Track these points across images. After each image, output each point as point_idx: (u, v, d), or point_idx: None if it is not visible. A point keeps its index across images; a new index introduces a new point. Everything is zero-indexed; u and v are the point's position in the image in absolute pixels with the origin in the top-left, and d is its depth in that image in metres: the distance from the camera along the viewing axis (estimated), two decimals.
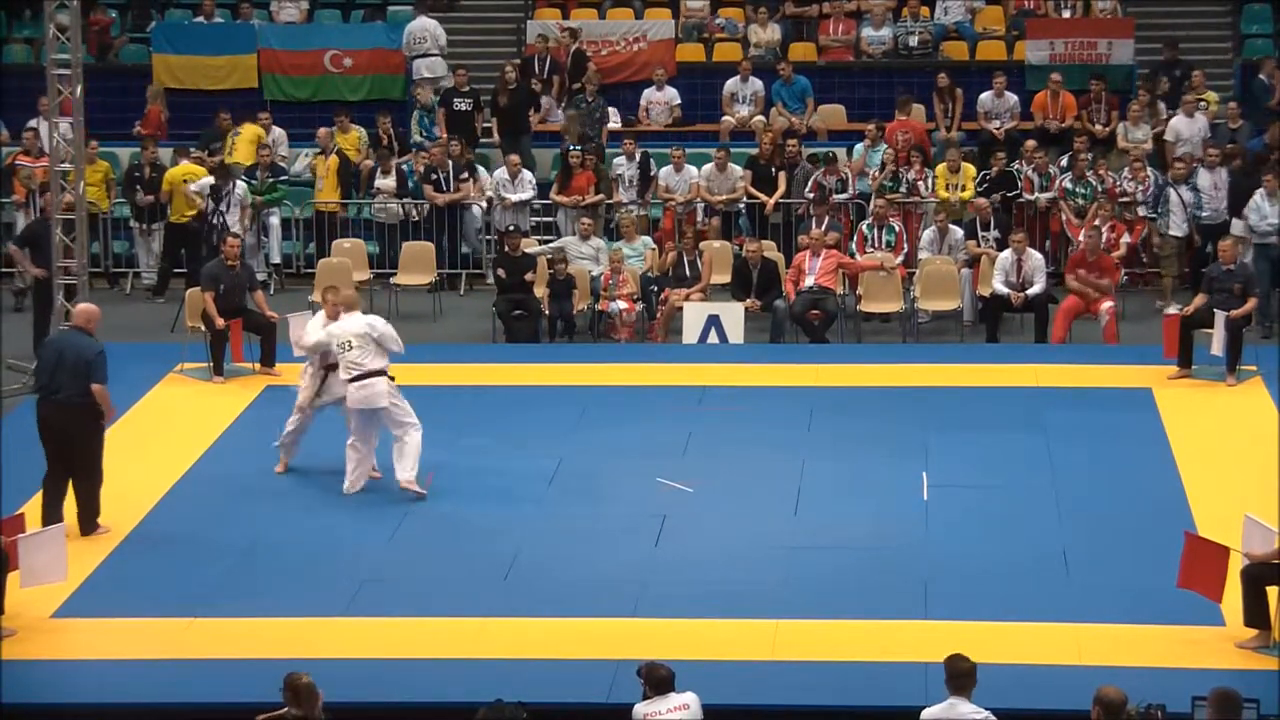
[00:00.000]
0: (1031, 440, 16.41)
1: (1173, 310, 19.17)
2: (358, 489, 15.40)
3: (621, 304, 20.41)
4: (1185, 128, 22.95)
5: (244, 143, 23.53)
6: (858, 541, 14.28)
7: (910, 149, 22.59)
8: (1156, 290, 21.70)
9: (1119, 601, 13.01)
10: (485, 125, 24.25)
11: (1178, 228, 21.12)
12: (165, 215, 22.51)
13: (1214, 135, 23.08)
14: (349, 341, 15.35)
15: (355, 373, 15.30)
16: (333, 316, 15.66)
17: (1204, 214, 21.20)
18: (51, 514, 14.34)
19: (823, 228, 20.89)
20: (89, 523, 14.60)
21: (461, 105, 24.03)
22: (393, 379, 15.44)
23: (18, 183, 22.57)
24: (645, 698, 10.82)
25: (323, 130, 23.54)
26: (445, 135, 23.57)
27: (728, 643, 12.54)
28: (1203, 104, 23.27)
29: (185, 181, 22.17)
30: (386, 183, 23.10)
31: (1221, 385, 17.78)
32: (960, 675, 10.55)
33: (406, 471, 15.26)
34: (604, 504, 15.29)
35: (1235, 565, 12.42)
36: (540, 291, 20.52)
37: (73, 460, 14.54)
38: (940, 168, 22.39)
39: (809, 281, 20.19)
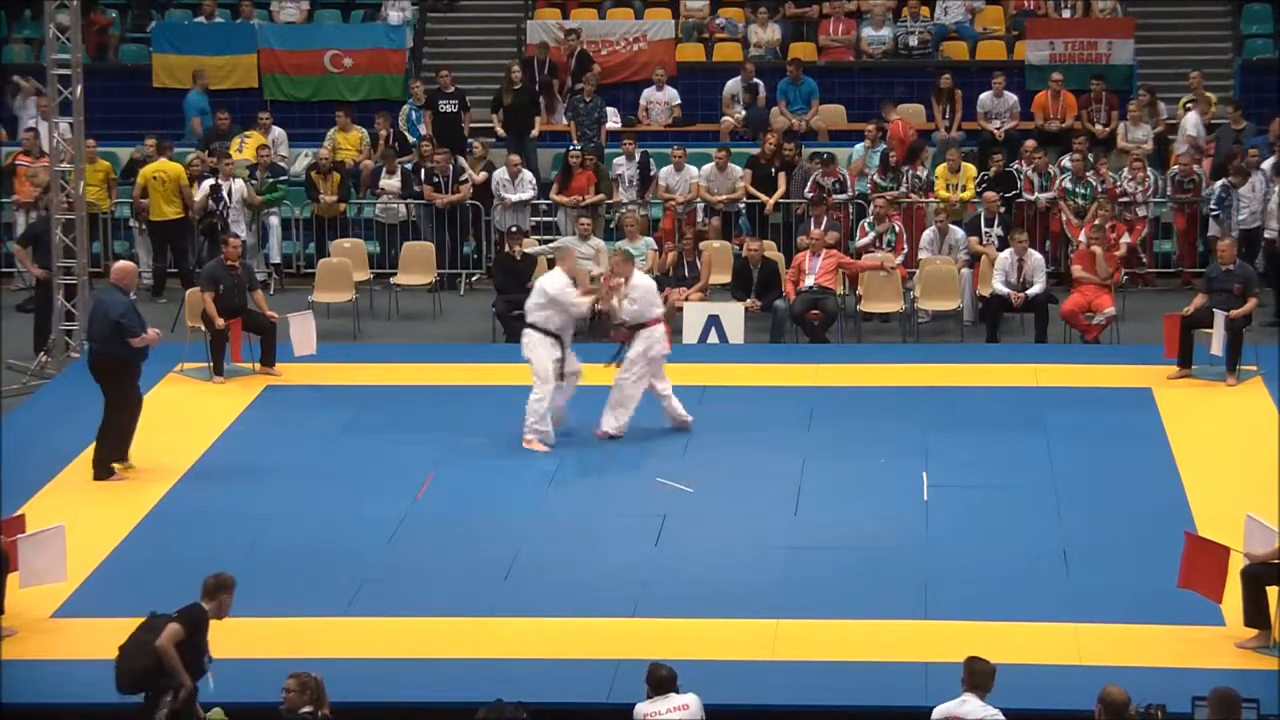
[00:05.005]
0: (1031, 440, 16.41)
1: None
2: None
3: None
4: (1191, 124, 23.01)
5: (250, 147, 23.53)
6: (858, 541, 14.28)
7: (909, 147, 22.68)
8: (1157, 290, 21.78)
9: (1119, 601, 13.00)
10: (474, 126, 24.25)
11: (1237, 228, 21.18)
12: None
13: (1216, 136, 23.11)
14: None
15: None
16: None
17: (1241, 217, 21.28)
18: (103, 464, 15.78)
19: (822, 228, 20.90)
20: (119, 455, 15.74)
21: (447, 107, 24.02)
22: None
23: (24, 183, 22.50)
24: (648, 697, 10.84)
25: (324, 151, 23.42)
26: (431, 137, 23.52)
27: (728, 643, 12.54)
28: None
29: (159, 178, 22.09)
30: (391, 183, 23.10)
31: (1221, 385, 17.77)
32: (975, 675, 10.59)
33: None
34: (604, 504, 15.29)
35: (1235, 565, 12.43)
36: None
37: (105, 405, 15.62)
38: (940, 168, 22.40)
39: (809, 281, 20.20)
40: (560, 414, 16.62)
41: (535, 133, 24.15)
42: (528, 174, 22.87)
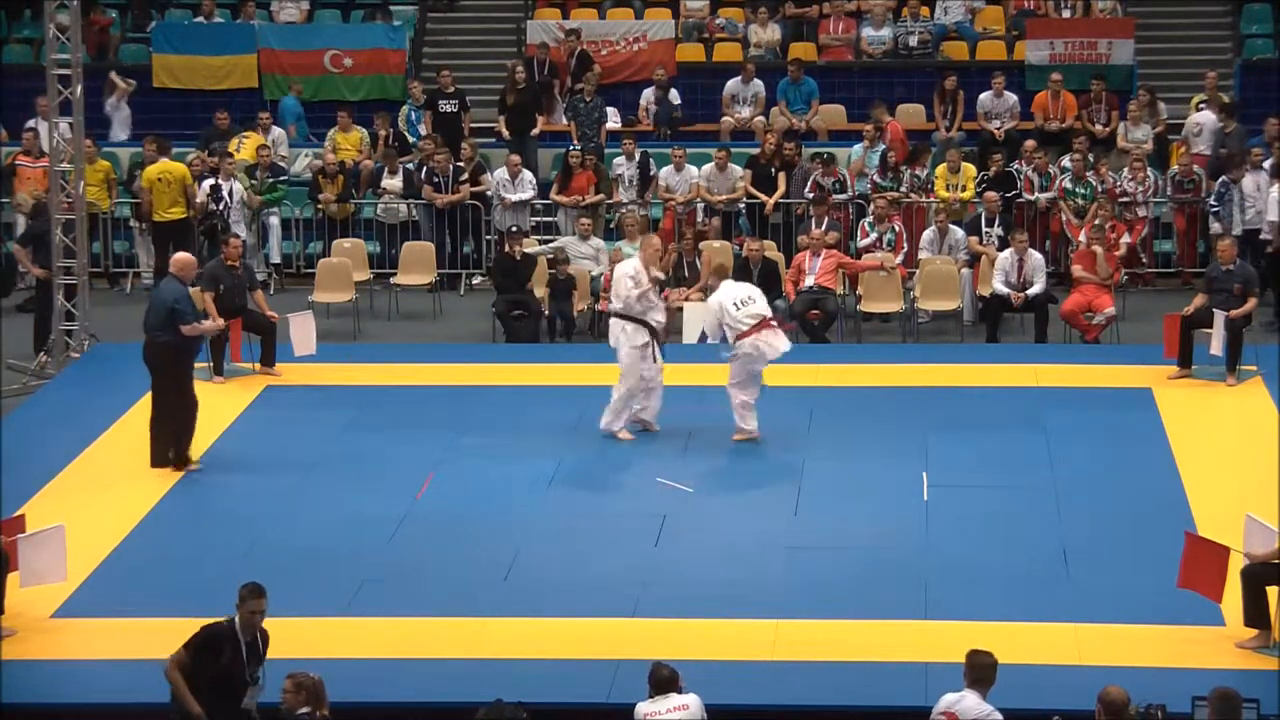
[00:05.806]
0: (1031, 440, 16.41)
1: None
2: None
3: None
4: (1209, 121, 23.02)
5: (248, 146, 23.51)
6: (858, 541, 14.28)
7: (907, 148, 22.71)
8: (1157, 290, 21.78)
9: (1119, 601, 13.00)
10: (475, 126, 24.25)
11: (1240, 226, 21.19)
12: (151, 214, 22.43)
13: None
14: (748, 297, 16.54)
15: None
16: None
17: (1247, 216, 21.29)
18: (159, 451, 15.91)
19: (822, 228, 20.90)
20: (180, 455, 15.81)
21: (447, 107, 24.00)
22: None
23: (15, 197, 22.52)
24: (649, 697, 10.84)
25: (329, 155, 23.41)
26: (431, 137, 23.51)
27: (728, 643, 12.54)
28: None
29: (163, 179, 22.08)
30: (393, 183, 23.09)
31: (1221, 385, 17.77)
32: (975, 669, 10.59)
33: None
34: (604, 504, 15.29)
35: (1235, 565, 12.43)
36: (540, 291, 20.53)
37: (157, 392, 15.81)
38: (940, 168, 22.41)
39: (809, 281, 20.20)
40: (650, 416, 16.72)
41: (535, 132, 24.14)
42: (528, 174, 22.87)
